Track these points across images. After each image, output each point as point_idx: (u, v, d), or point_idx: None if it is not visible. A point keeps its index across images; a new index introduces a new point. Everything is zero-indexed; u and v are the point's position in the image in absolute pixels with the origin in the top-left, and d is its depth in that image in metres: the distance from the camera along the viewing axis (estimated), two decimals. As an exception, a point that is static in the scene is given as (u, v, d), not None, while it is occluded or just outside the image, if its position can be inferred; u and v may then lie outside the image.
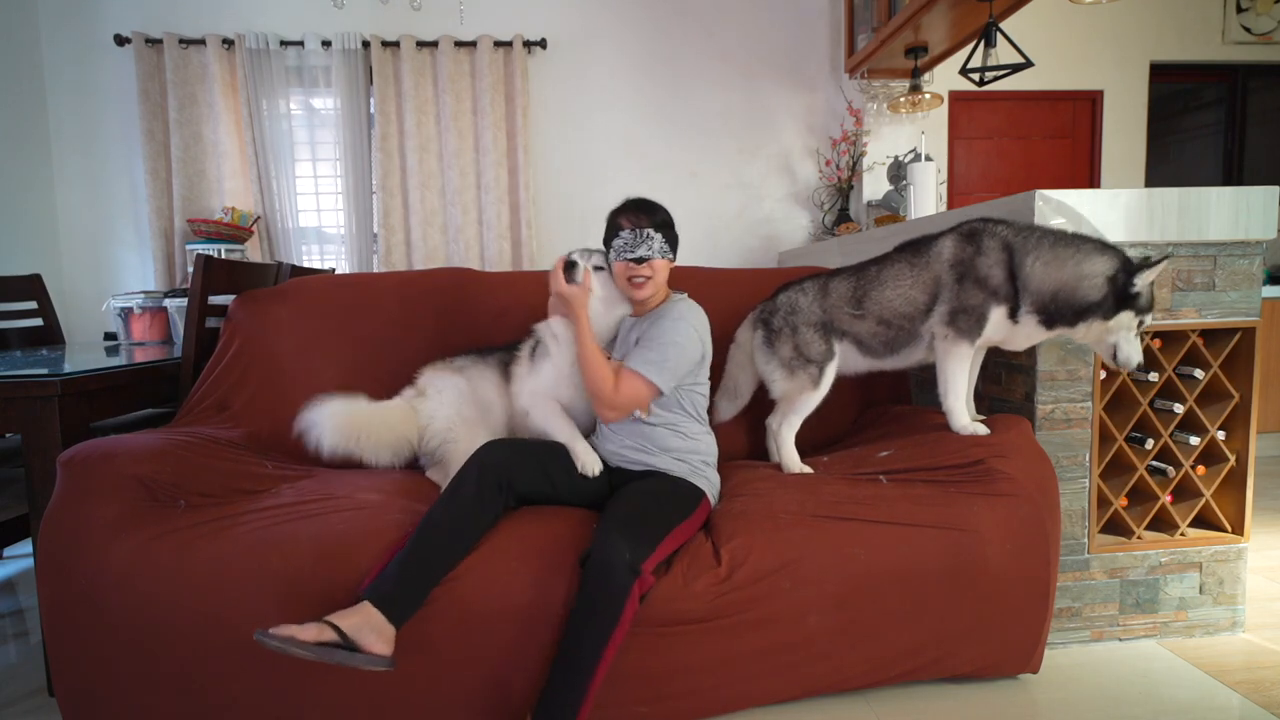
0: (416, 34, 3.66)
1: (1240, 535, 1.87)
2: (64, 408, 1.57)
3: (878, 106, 3.84)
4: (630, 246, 1.60)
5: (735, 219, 4.03)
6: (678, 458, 1.64)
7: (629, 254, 1.61)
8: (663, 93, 3.93)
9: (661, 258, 1.63)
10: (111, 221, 3.70)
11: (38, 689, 1.70)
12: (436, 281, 2.19)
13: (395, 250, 3.71)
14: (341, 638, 1.25)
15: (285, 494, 1.58)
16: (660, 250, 1.62)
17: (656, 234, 1.61)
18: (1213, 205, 1.77)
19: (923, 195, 3.21)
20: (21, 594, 2.30)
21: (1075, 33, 4.01)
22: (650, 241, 1.60)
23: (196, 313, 1.97)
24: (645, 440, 1.65)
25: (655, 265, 1.62)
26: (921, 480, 1.64)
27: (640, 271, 1.62)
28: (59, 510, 1.40)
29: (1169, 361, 1.85)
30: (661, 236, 1.62)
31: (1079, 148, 4.15)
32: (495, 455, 1.49)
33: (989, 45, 2.89)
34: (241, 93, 3.58)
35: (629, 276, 1.63)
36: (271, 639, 1.20)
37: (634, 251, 1.60)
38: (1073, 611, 1.83)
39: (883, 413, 2.09)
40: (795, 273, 2.39)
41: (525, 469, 1.52)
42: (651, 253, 1.60)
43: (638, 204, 1.66)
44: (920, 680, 1.60)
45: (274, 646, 1.20)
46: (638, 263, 1.61)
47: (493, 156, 3.71)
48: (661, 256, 1.63)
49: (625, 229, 1.62)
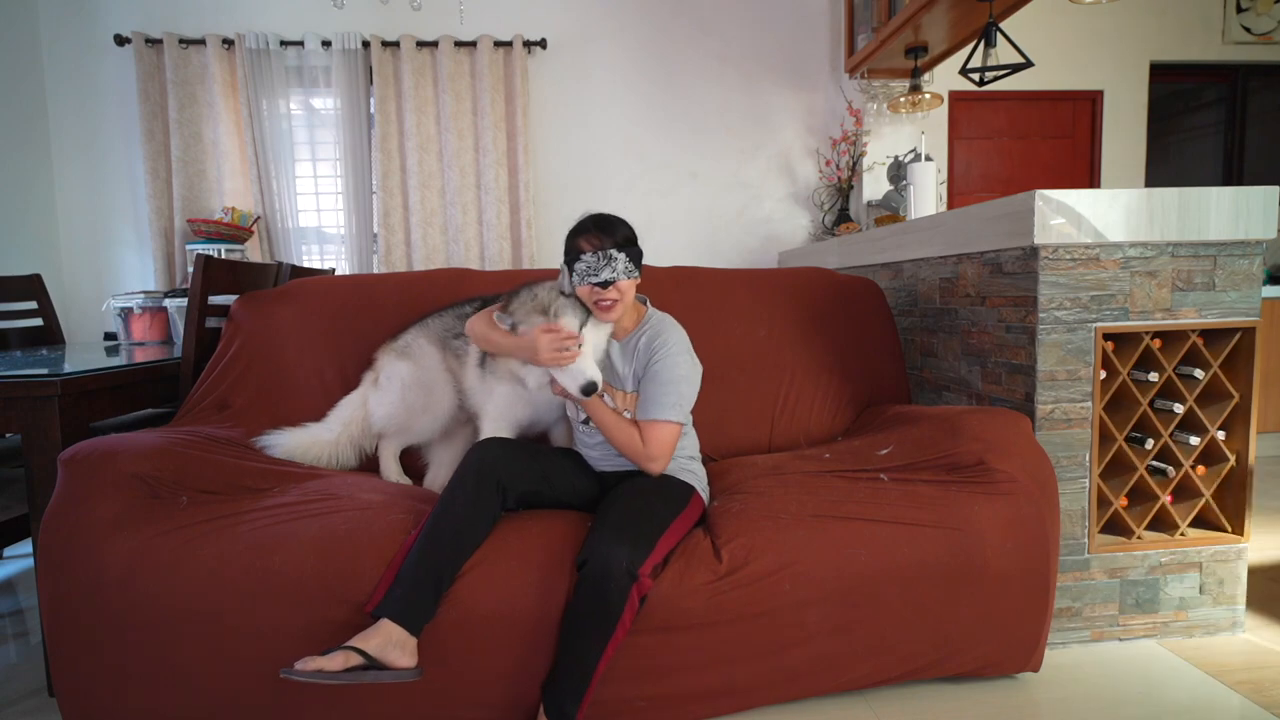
0: (416, 34, 3.66)
1: (1240, 535, 1.86)
2: (64, 408, 1.57)
3: (878, 106, 3.84)
4: (594, 270, 1.53)
5: (735, 219, 4.03)
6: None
7: (593, 278, 1.54)
8: (663, 93, 3.93)
9: (627, 278, 1.56)
10: (111, 221, 3.70)
11: (38, 689, 1.70)
12: (436, 281, 2.19)
13: (395, 250, 3.71)
14: (367, 659, 1.25)
15: (287, 494, 1.58)
16: (625, 270, 1.55)
17: (620, 254, 1.54)
18: (1213, 205, 1.77)
19: (923, 195, 3.21)
20: (21, 594, 2.30)
21: (1075, 33, 4.01)
22: (614, 263, 1.53)
23: (196, 313, 1.97)
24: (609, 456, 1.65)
25: (621, 287, 1.56)
26: (922, 479, 1.64)
27: (607, 295, 1.55)
28: (59, 510, 1.40)
29: (1169, 361, 1.85)
30: (625, 256, 1.55)
31: (1079, 148, 4.15)
32: (492, 454, 1.49)
33: (989, 45, 2.89)
34: (241, 93, 3.58)
35: (595, 301, 1.56)
36: (299, 674, 1.20)
37: (598, 275, 1.53)
38: (1073, 611, 1.83)
39: (882, 411, 2.09)
40: (795, 272, 2.39)
41: (522, 469, 1.52)
42: (616, 274, 1.54)
43: (597, 222, 1.58)
44: (921, 680, 1.60)
45: (303, 679, 1.20)
46: (603, 286, 1.54)
47: (493, 156, 3.71)
48: (627, 277, 1.56)
49: (586, 252, 1.54)
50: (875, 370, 2.25)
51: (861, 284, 2.36)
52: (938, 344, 2.26)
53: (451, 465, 1.91)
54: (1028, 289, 1.80)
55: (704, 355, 1.76)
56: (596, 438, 1.66)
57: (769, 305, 2.24)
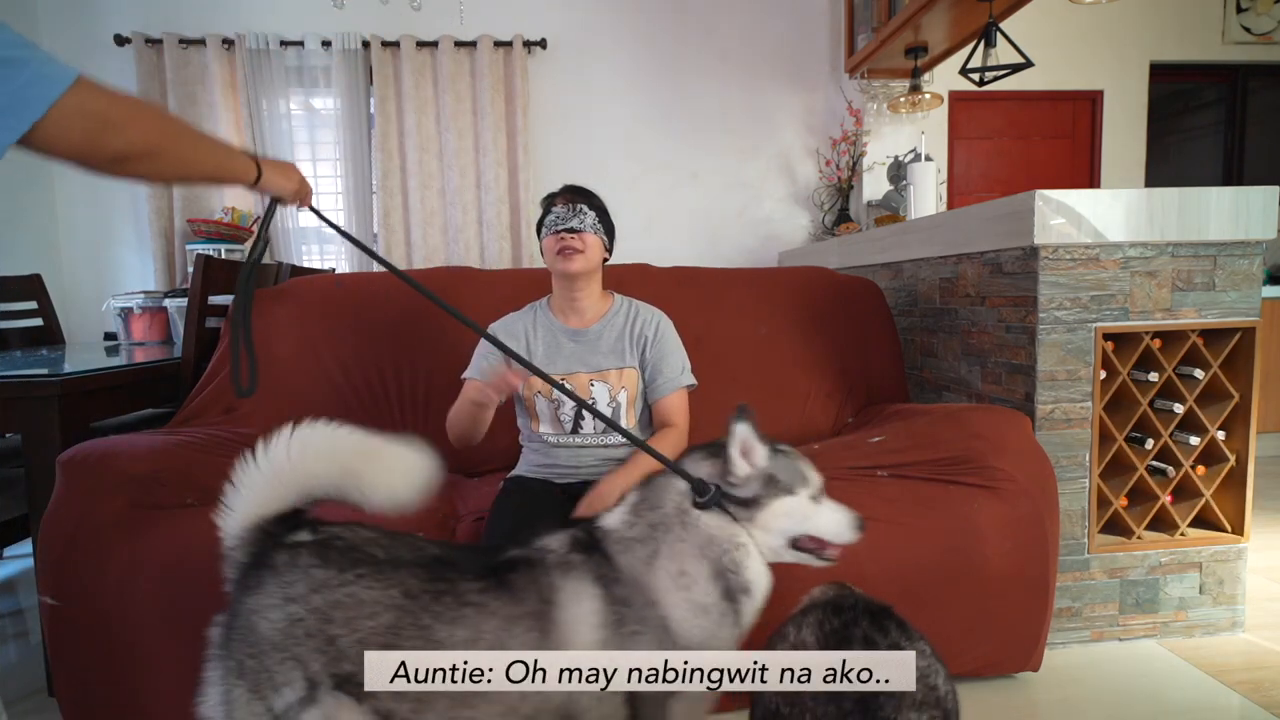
0: (416, 34, 3.66)
1: (1240, 535, 1.86)
2: (64, 408, 1.57)
3: (878, 106, 3.83)
4: (562, 219, 1.54)
5: (735, 219, 4.03)
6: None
7: (560, 225, 1.53)
8: (663, 93, 3.93)
9: (594, 233, 1.56)
10: (111, 221, 3.70)
11: (38, 689, 1.70)
12: (436, 280, 2.19)
13: (395, 250, 3.71)
14: None
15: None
16: (593, 226, 1.55)
17: (590, 211, 1.56)
18: (1213, 205, 1.77)
19: (923, 195, 3.21)
20: (21, 594, 2.30)
21: (1075, 33, 4.00)
22: (583, 216, 1.54)
23: (196, 313, 1.97)
24: (613, 459, 1.60)
25: (587, 239, 1.55)
26: (920, 476, 1.63)
27: (571, 243, 1.53)
28: (59, 510, 1.40)
29: (1169, 361, 1.84)
30: (595, 215, 1.57)
31: (1079, 148, 4.15)
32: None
33: (989, 45, 2.89)
34: (241, 93, 3.58)
35: (559, 249, 1.54)
36: None
37: (565, 223, 1.53)
38: (1073, 611, 1.83)
39: (881, 410, 2.09)
40: (795, 272, 2.39)
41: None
42: (584, 226, 1.54)
43: (573, 188, 1.61)
44: (920, 680, 1.60)
45: None
46: (569, 233, 1.53)
47: (493, 156, 3.71)
48: (594, 232, 1.56)
49: (558, 205, 1.56)
50: (875, 370, 2.25)
51: (861, 284, 2.36)
52: (938, 344, 2.26)
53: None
54: (1028, 289, 1.80)
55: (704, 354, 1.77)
56: (582, 459, 1.60)
57: (769, 305, 2.25)
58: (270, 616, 0.91)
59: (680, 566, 1.01)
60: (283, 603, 0.91)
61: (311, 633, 0.90)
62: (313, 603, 0.91)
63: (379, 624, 0.91)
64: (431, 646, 0.91)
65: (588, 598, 0.97)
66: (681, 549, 1.01)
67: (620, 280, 2.03)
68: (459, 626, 0.92)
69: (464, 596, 0.95)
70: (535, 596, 0.96)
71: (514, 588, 0.96)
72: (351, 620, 0.91)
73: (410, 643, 0.91)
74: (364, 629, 0.91)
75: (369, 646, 0.90)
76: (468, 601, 0.94)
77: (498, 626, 0.93)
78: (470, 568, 0.98)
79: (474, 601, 0.94)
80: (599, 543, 1.03)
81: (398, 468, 0.98)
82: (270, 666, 0.90)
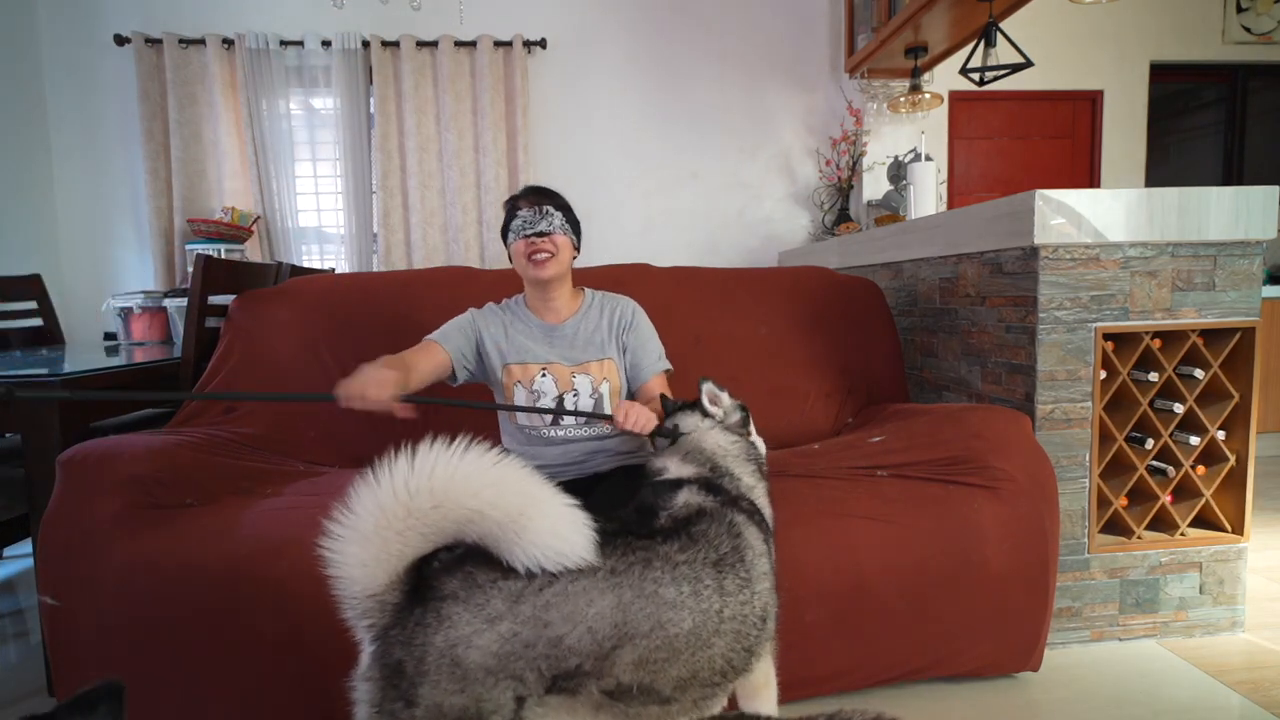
0: (416, 34, 3.66)
1: (1240, 535, 1.86)
2: (64, 408, 1.57)
3: (878, 106, 3.83)
4: (530, 223, 1.54)
5: (735, 219, 4.03)
6: (637, 457, 1.64)
7: (529, 230, 1.54)
8: (663, 92, 3.93)
9: (563, 234, 1.57)
10: (111, 221, 3.70)
11: (38, 689, 1.70)
12: (437, 281, 2.19)
13: (395, 250, 3.71)
14: None
15: (289, 495, 1.58)
16: (561, 226, 1.56)
17: (556, 212, 1.56)
18: (1213, 205, 1.77)
19: (923, 195, 3.21)
20: (21, 594, 2.30)
21: (1075, 33, 4.00)
22: (550, 218, 1.54)
23: (196, 313, 1.97)
24: (601, 451, 1.63)
25: (557, 241, 1.56)
26: (920, 477, 1.63)
27: (542, 246, 1.54)
28: (59, 510, 1.40)
29: (1169, 361, 1.84)
30: (562, 215, 1.57)
31: (1079, 148, 4.15)
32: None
33: (989, 45, 2.89)
34: (241, 93, 3.57)
35: (530, 254, 1.55)
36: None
37: (534, 227, 1.54)
38: (1073, 611, 1.83)
39: (881, 410, 2.09)
40: (796, 272, 2.39)
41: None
42: (553, 228, 1.54)
43: (535, 189, 1.61)
44: (921, 680, 1.60)
45: None
46: (539, 236, 1.54)
47: (493, 156, 3.71)
48: (563, 233, 1.56)
49: (524, 208, 1.56)
50: (875, 370, 2.25)
51: (861, 284, 2.36)
52: (938, 344, 2.26)
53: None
54: (1028, 289, 1.80)
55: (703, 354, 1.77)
56: (571, 454, 1.62)
57: (769, 305, 2.25)
58: (478, 644, 0.86)
59: (748, 480, 1.27)
60: (487, 625, 0.87)
61: (530, 642, 0.88)
62: (521, 614, 0.88)
63: (603, 607, 0.92)
64: (668, 610, 0.96)
65: (752, 524, 1.13)
66: (740, 464, 1.28)
67: (620, 280, 2.03)
68: (684, 583, 0.99)
69: (670, 558, 1.01)
70: (728, 538, 1.07)
71: (707, 537, 1.06)
72: (571, 614, 0.90)
73: (643, 612, 0.94)
74: (588, 616, 0.91)
75: (599, 632, 0.91)
76: (675, 561, 1.01)
77: (713, 574, 1.03)
78: (647, 533, 1.04)
79: (682, 560, 1.01)
80: (714, 483, 1.19)
81: (565, 519, 0.90)
82: (481, 695, 0.86)
